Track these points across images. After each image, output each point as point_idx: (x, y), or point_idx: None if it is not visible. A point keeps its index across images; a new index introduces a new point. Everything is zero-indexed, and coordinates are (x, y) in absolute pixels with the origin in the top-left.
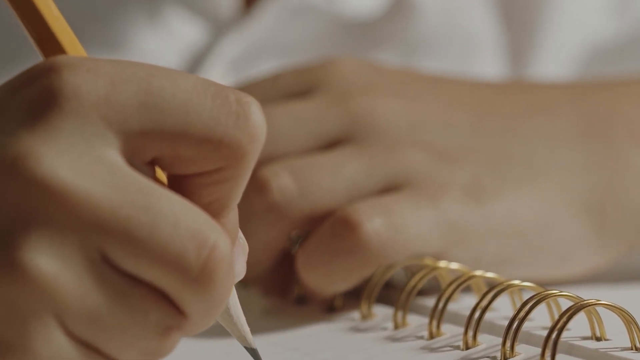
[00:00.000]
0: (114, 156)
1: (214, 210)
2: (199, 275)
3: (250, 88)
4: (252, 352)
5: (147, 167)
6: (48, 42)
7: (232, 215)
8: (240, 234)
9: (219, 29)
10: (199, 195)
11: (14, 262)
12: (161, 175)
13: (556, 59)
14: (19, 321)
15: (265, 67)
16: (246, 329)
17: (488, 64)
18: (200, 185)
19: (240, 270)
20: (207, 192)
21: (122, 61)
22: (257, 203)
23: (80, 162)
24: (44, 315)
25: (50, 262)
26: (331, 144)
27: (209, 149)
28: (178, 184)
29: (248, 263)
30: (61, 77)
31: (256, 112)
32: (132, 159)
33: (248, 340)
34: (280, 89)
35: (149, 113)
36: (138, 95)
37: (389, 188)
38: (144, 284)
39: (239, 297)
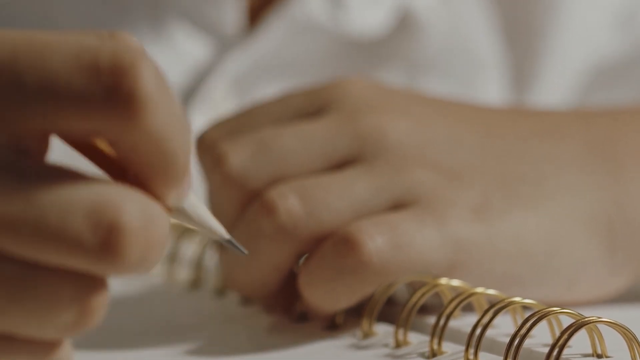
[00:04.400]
0: None
1: (157, 172)
2: (102, 254)
3: (259, 109)
4: (228, 243)
5: (39, 143)
6: None
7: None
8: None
9: (223, 45)
10: (131, 160)
11: None
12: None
13: (560, 76)
14: None
15: (269, 85)
16: (212, 222)
17: (492, 83)
18: (123, 151)
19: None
20: (135, 157)
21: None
22: (264, 225)
23: None
24: None
25: None
26: (340, 164)
27: (90, 123)
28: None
29: (254, 283)
30: None
31: (134, 79)
32: (19, 141)
33: (219, 233)
34: (290, 110)
35: (16, 96)
36: (3, 79)
37: (397, 207)
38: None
39: (240, 314)
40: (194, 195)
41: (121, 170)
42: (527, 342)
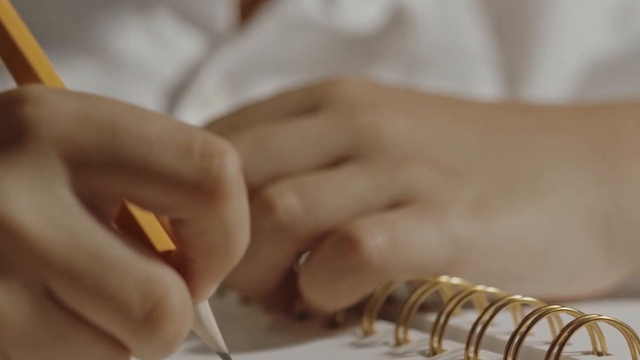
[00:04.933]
0: (70, 198)
1: (217, 257)
2: (143, 324)
3: (256, 107)
4: (224, 356)
5: (109, 206)
6: (19, 65)
7: (233, 264)
8: None
9: (214, 41)
10: (195, 242)
11: None
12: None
13: (554, 74)
14: None
15: (262, 81)
16: (217, 332)
17: (485, 80)
18: (190, 233)
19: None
20: (201, 240)
21: (91, 96)
22: (263, 223)
23: (36, 200)
24: None
25: None
26: (337, 161)
27: (169, 199)
28: (174, 228)
29: (253, 282)
30: (24, 110)
31: (220, 166)
32: (94, 197)
33: (219, 345)
34: (286, 107)
35: (109, 156)
36: (100, 136)
37: (395, 204)
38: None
39: (240, 313)
40: (207, 302)
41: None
42: (528, 340)
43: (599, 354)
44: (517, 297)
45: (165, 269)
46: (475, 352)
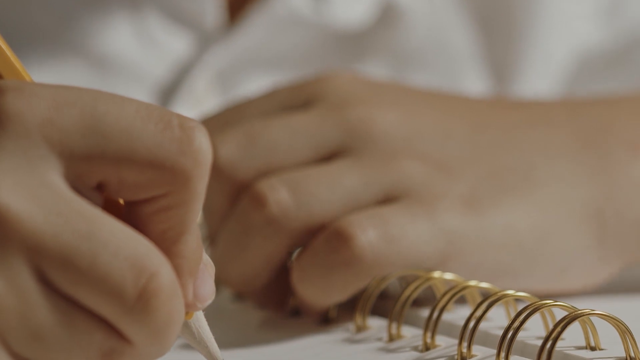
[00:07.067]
0: (58, 180)
1: (171, 238)
2: (136, 303)
3: (247, 104)
4: None
5: (93, 192)
6: None
7: (191, 240)
8: (205, 256)
9: (205, 40)
10: (153, 222)
11: None
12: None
13: (542, 69)
14: None
15: (252, 79)
16: (213, 346)
17: (474, 75)
18: (153, 211)
19: (208, 293)
20: (160, 219)
21: (67, 86)
22: (254, 217)
23: (23, 184)
24: None
25: None
26: (329, 156)
27: (152, 174)
28: (132, 211)
29: (246, 277)
30: (4, 99)
31: (200, 137)
32: (77, 183)
33: (216, 357)
34: (277, 104)
35: (92, 137)
36: (82, 119)
37: (387, 199)
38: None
39: (233, 309)
40: (201, 313)
41: None
42: (521, 335)
43: (592, 349)
44: (510, 292)
45: (153, 248)
46: (469, 347)
